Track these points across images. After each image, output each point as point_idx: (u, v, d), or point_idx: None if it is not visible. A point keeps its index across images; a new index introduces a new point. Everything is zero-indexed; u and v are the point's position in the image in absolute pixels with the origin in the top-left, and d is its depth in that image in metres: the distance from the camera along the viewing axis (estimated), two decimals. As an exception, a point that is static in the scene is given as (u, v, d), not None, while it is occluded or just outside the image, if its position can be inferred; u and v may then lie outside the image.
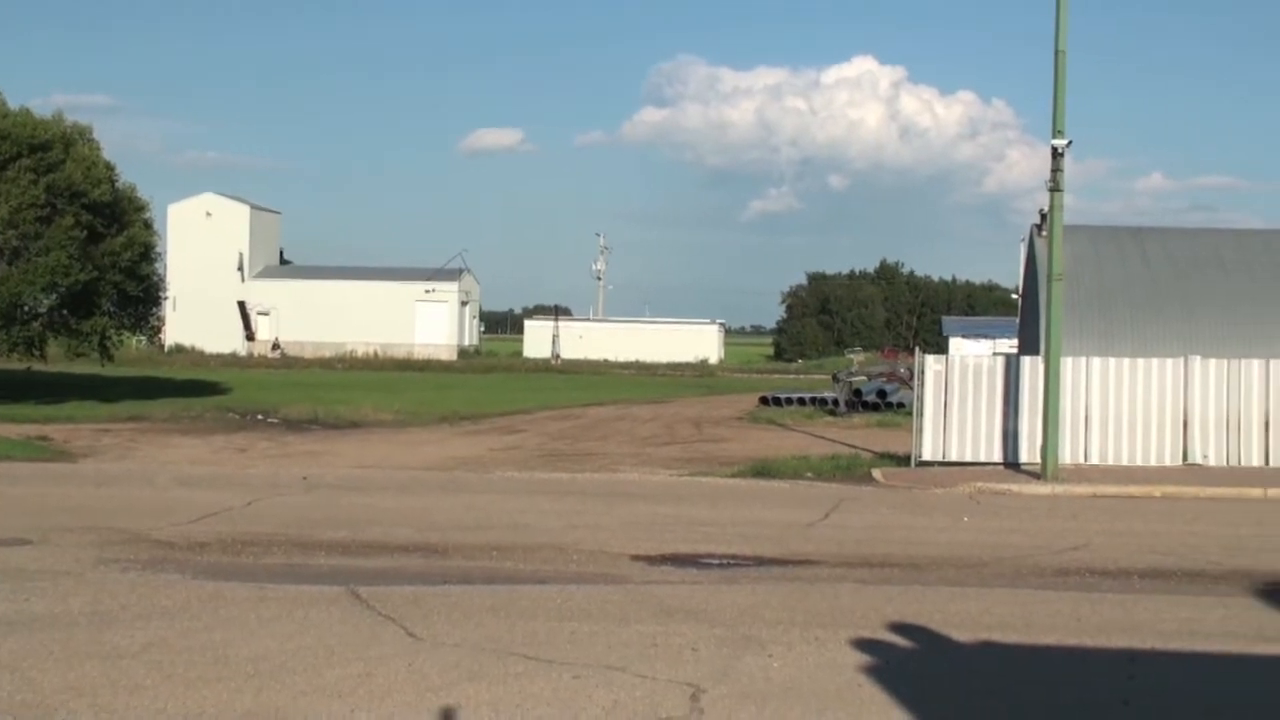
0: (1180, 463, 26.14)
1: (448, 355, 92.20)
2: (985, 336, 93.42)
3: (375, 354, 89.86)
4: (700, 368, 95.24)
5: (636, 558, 15.34)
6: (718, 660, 10.17)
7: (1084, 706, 9.25)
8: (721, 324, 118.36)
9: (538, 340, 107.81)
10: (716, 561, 15.27)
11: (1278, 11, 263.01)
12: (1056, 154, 24.34)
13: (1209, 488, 22.95)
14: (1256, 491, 22.66)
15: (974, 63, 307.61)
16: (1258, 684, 10.05)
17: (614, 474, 25.49)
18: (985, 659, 10.59)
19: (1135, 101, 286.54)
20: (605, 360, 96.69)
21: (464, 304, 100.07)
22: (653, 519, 18.53)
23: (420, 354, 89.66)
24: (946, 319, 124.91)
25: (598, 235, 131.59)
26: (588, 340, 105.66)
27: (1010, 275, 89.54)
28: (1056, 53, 24.18)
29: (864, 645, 10.66)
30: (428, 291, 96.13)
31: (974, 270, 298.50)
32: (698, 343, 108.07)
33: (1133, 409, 26.44)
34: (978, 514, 19.99)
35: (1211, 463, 26.14)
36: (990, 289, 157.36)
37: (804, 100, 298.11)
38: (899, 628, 11.37)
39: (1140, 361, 26.80)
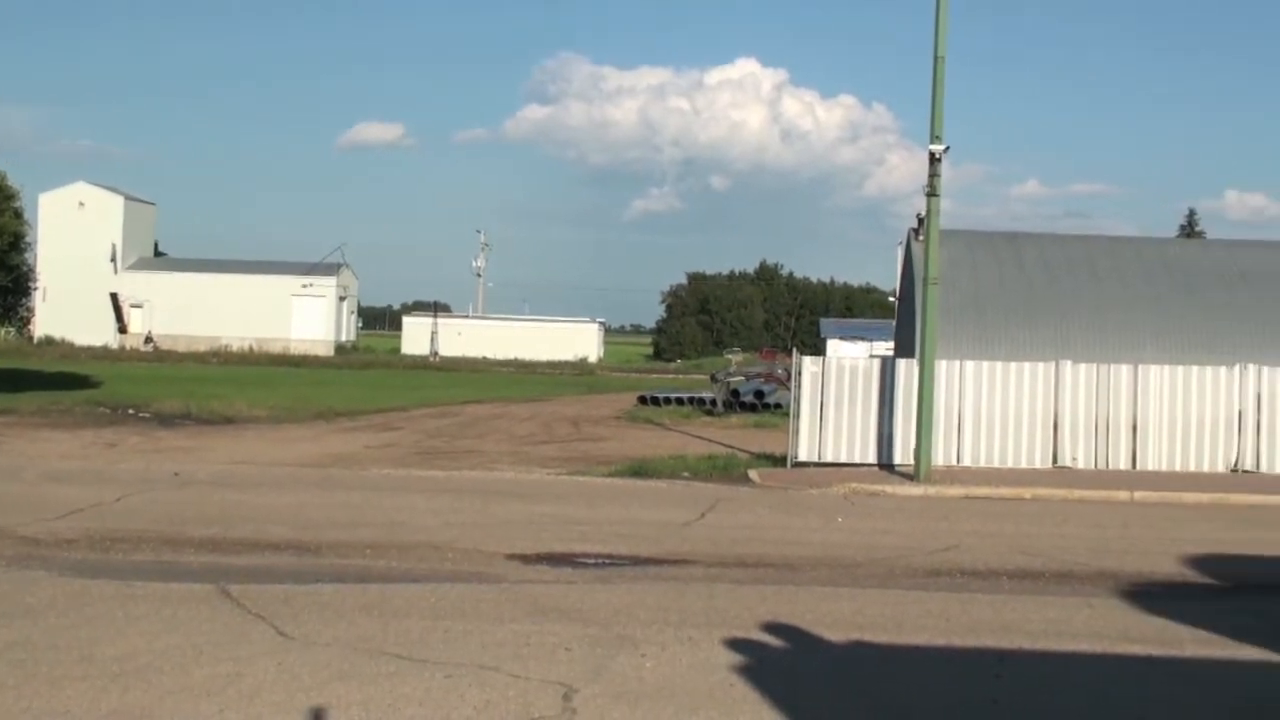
0: (1050, 465, 26.58)
1: (324, 351, 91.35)
2: (862, 339, 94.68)
3: (251, 349, 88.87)
4: (580, 366, 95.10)
5: (512, 556, 15.30)
6: (591, 660, 10.16)
7: (953, 705, 9.37)
8: (601, 323, 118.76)
9: (416, 337, 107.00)
10: (592, 561, 15.27)
11: (1152, 20, 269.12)
12: (934, 159, 24.58)
13: (1078, 490, 23.35)
14: (1123, 494, 23.08)
15: (855, 67, 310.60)
16: (1123, 684, 10.22)
17: (491, 472, 25.36)
18: (857, 658, 10.68)
19: (1012, 108, 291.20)
20: (484, 358, 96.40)
21: (342, 299, 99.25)
22: (529, 518, 18.48)
23: (296, 349, 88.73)
24: (825, 321, 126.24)
25: (478, 232, 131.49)
26: (467, 337, 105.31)
27: (888, 278, 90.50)
28: (936, 58, 24.40)
29: (737, 645, 10.71)
30: (305, 286, 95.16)
31: (853, 273, 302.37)
32: (577, 341, 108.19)
33: (1005, 412, 26.83)
34: (852, 515, 20.17)
35: (1080, 465, 26.62)
36: (868, 291, 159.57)
37: (687, 100, 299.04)
38: (772, 627, 11.44)
39: (1013, 365, 27.22)
